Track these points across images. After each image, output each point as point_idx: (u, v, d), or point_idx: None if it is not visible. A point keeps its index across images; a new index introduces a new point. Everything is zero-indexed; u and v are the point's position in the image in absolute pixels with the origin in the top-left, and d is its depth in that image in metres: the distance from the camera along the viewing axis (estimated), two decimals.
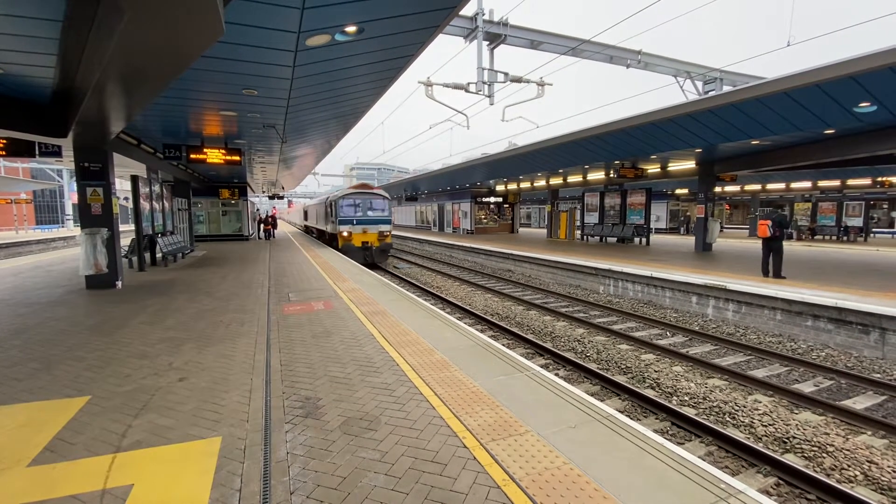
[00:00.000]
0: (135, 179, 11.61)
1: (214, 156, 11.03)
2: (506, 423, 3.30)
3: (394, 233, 22.84)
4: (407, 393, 3.85)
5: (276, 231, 29.80)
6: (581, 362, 6.70)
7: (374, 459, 2.82)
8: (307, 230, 34.30)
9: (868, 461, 4.19)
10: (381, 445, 2.99)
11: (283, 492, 2.51)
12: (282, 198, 36.92)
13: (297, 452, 2.91)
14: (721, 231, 26.91)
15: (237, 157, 11.26)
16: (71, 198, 39.84)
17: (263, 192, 35.61)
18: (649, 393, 5.70)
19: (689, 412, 5.18)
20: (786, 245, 10.16)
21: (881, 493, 3.81)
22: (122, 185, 20.00)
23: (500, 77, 12.78)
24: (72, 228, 38.16)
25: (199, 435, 3.15)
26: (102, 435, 3.19)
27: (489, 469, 2.71)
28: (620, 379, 6.19)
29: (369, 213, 18.33)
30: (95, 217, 9.26)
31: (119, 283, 9.47)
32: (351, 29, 5.03)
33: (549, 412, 3.47)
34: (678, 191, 31.72)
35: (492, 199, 31.41)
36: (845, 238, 23.96)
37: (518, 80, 13.11)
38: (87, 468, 2.78)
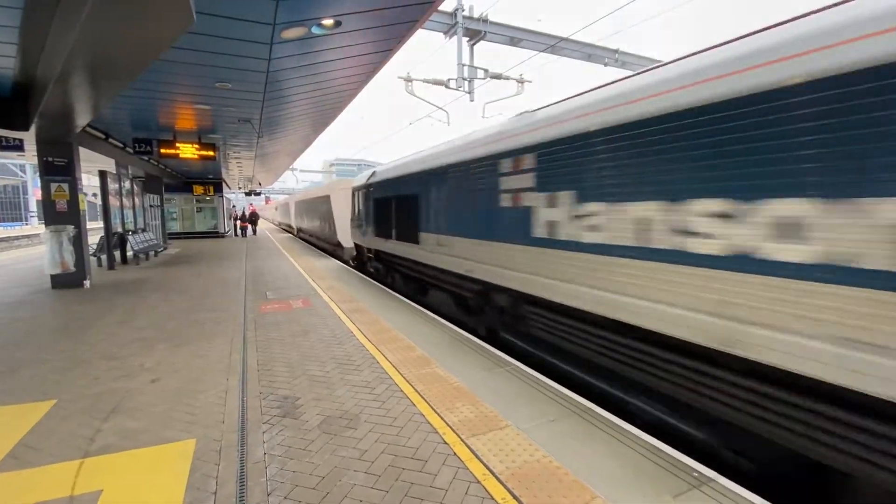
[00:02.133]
0: (103, 175, 11.19)
1: (187, 151, 10.73)
2: (486, 417, 3.32)
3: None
4: (387, 390, 3.83)
5: (257, 229, 28.37)
6: None
7: (354, 458, 2.80)
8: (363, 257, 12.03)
9: None
10: (360, 444, 2.97)
11: (259, 493, 2.46)
12: (258, 194, 36.21)
13: (275, 453, 2.86)
14: None
15: (211, 153, 10.98)
16: (35, 194, 38.18)
17: (240, 188, 34.83)
18: None
19: None
20: None
21: None
22: (90, 181, 19.32)
23: (480, 73, 12.79)
24: (36, 226, 36.59)
25: (172, 437, 3.07)
26: (70, 439, 3.07)
27: (469, 464, 2.72)
28: None
29: None
30: (61, 214, 8.89)
31: (87, 283, 9.12)
32: (328, 22, 4.95)
33: (529, 406, 3.50)
34: None
35: None
36: None
37: (498, 76, 13.15)
38: (53, 474, 2.68)
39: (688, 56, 3.23)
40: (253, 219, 27.25)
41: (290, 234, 28.92)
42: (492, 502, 2.37)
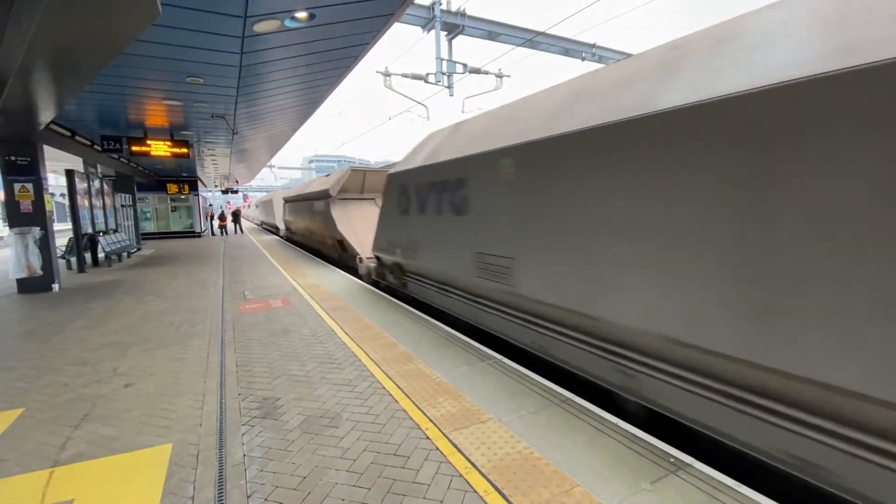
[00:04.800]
0: (70, 174, 10.78)
1: (159, 148, 10.42)
2: (468, 412, 3.33)
3: None
4: (369, 388, 3.81)
5: (241, 227, 28.73)
6: None
7: (336, 457, 2.78)
8: None
9: None
10: (342, 442, 2.95)
11: (239, 496, 2.42)
12: (236, 192, 35.46)
13: (255, 455, 2.82)
14: None
15: (185, 150, 10.69)
16: None
17: (216, 186, 34.03)
18: None
19: None
20: None
21: None
22: (58, 181, 18.52)
23: (459, 68, 12.74)
24: (0, 228, 35.05)
25: (147, 443, 2.99)
26: (38, 449, 2.96)
27: (451, 458, 2.72)
28: None
29: None
30: (26, 215, 8.54)
31: (56, 286, 8.80)
32: (301, 15, 4.85)
33: (511, 399, 3.53)
34: None
35: None
36: None
37: (477, 71, 13.12)
38: (21, 485, 2.58)
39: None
40: (235, 217, 27.60)
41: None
42: (474, 495, 2.38)
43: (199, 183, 25.05)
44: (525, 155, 4.01)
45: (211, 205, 35.01)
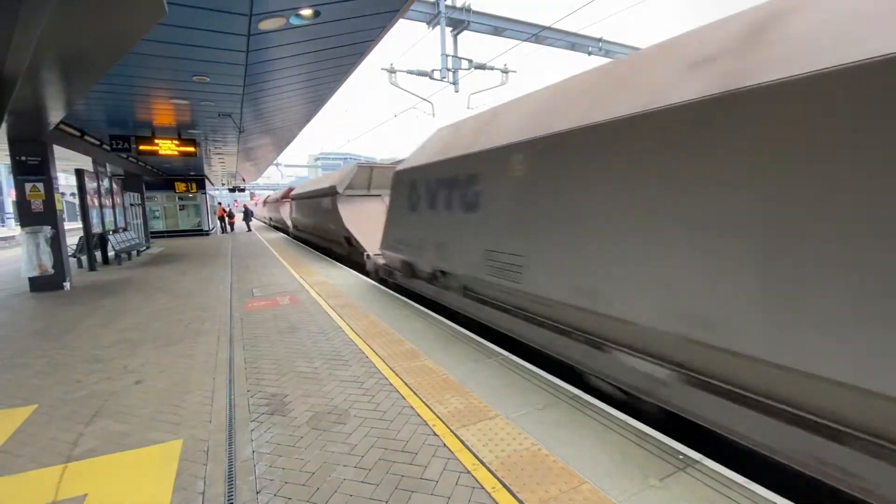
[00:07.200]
0: (80, 173, 10.89)
1: (167, 147, 10.50)
2: (475, 408, 3.33)
3: None
4: (376, 384, 3.82)
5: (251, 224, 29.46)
6: None
7: (344, 453, 2.79)
8: None
9: None
10: (350, 438, 2.96)
11: (248, 491, 2.44)
12: (243, 190, 35.69)
13: (264, 451, 2.84)
14: None
15: (192, 149, 10.76)
16: (10, 194, 37.05)
17: (223, 184, 34.24)
18: None
19: None
20: None
21: None
22: (68, 180, 18.73)
23: (465, 64, 12.68)
24: (13, 227, 35.56)
25: (157, 439, 3.02)
26: (52, 445, 3.01)
27: (459, 455, 2.73)
28: None
29: None
30: (37, 214, 8.65)
31: (67, 285, 8.92)
32: (306, 12, 4.84)
33: (518, 396, 3.52)
34: None
35: None
36: None
37: (482, 66, 13.05)
38: (35, 480, 2.62)
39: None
40: (247, 216, 28.60)
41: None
42: (482, 492, 2.39)
43: (207, 181, 25.23)
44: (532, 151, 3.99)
45: (219, 203, 35.33)
